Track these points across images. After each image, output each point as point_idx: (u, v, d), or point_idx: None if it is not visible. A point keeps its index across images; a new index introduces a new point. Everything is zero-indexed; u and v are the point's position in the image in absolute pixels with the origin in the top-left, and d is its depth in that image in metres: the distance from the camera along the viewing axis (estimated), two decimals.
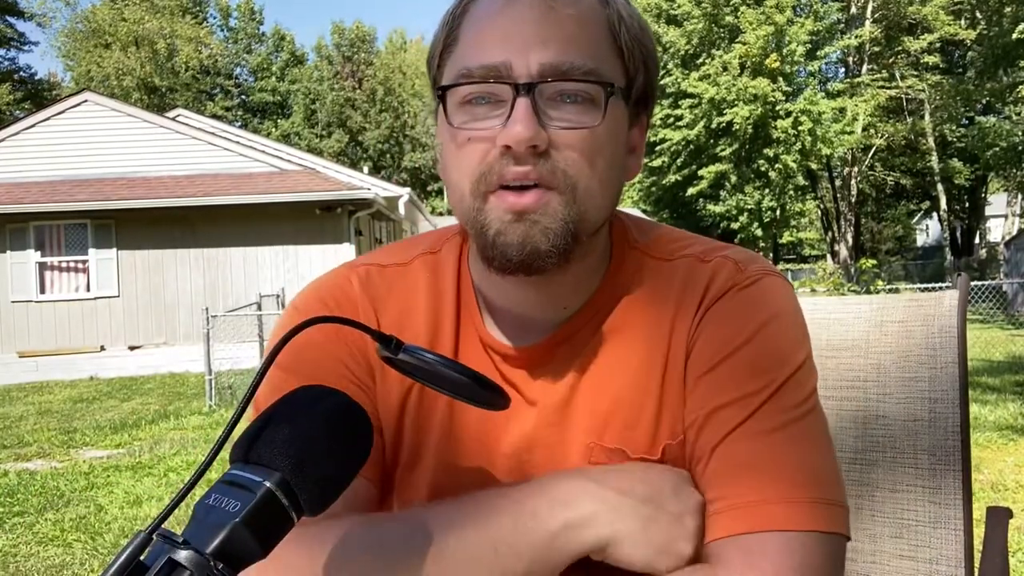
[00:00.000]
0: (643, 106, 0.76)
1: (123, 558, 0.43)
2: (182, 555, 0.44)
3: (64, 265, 13.12)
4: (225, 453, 0.51)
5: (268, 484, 0.47)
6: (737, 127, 29.74)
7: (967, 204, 34.64)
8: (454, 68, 0.69)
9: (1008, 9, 21.97)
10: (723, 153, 30.75)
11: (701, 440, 0.69)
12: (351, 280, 0.80)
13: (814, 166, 31.95)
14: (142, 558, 0.44)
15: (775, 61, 29.03)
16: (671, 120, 32.72)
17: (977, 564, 0.93)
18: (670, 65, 32.83)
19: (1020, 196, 24.72)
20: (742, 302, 0.73)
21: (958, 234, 34.22)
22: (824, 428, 0.71)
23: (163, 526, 0.45)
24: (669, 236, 0.81)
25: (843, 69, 33.67)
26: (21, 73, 38.92)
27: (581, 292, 0.75)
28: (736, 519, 0.65)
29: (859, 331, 1.03)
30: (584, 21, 0.68)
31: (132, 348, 12.88)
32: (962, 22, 27.42)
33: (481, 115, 0.67)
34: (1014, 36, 19.53)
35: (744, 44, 29.56)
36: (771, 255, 34.04)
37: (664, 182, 34.32)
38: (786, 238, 34.58)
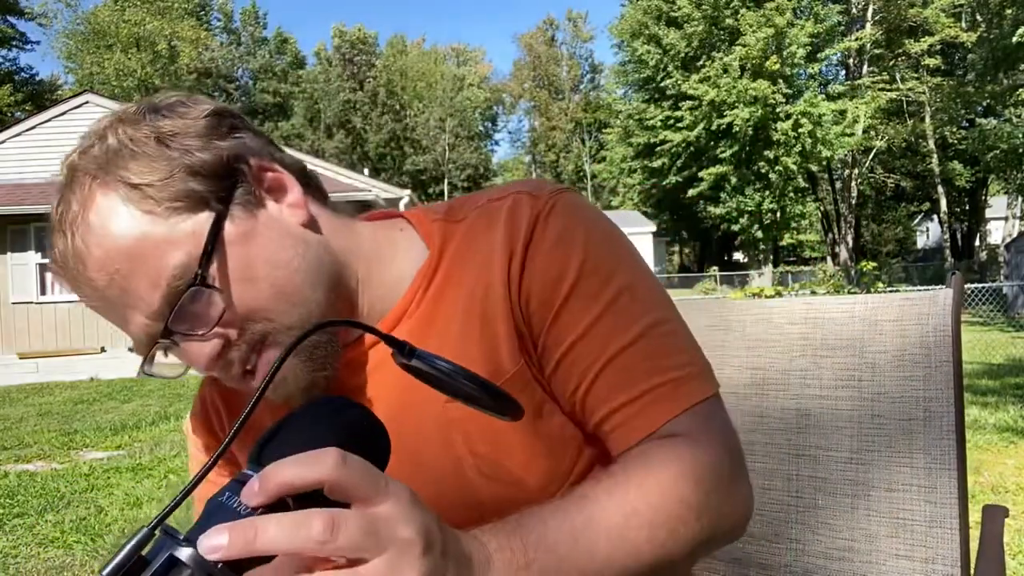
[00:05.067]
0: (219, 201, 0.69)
1: (125, 551, 0.43)
2: (184, 552, 0.43)
3: None
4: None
5: None
6: (737, 129, 29.75)
7: (967, 206, 34.65)
8: None
9: (1008, 12, 21.99)
10: (723, 155, 30.75)
11: (577, 369, 0.72)
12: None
13: (814, 168, 31.98)
14: (144, 553, 0.44)
15: (775, 63, 29.04)
16: (671, 122, 32.74)
17: (974, 563, 0.94)
18: (670, 67, 32.85)
19: (1020, 199, 24.71)
20: (554, 229, 0.74)
21: (958, 236, 34.23)
22: (671, 305, 0.76)
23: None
24: (461, 199, 0.83)
25: (843, 71, 33.69)
26: (23, 74, 38.98)
27: (389, 295, 0.78)
28: (661, 407, 0.70)
29: (854, 330, 1.04)
30: None
31: (132, 350, 12.87)
32: (963, 24, 27.44)
33: None
34: (1014, 39, 19.55)
35: (744, 46, 29.57)
36: (772, 257, 34.04)
37: (664, 184, 34.31)
38: (786, 240, 34.60)
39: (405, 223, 0.82)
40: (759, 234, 31.82)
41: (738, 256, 42.05)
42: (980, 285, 12.90)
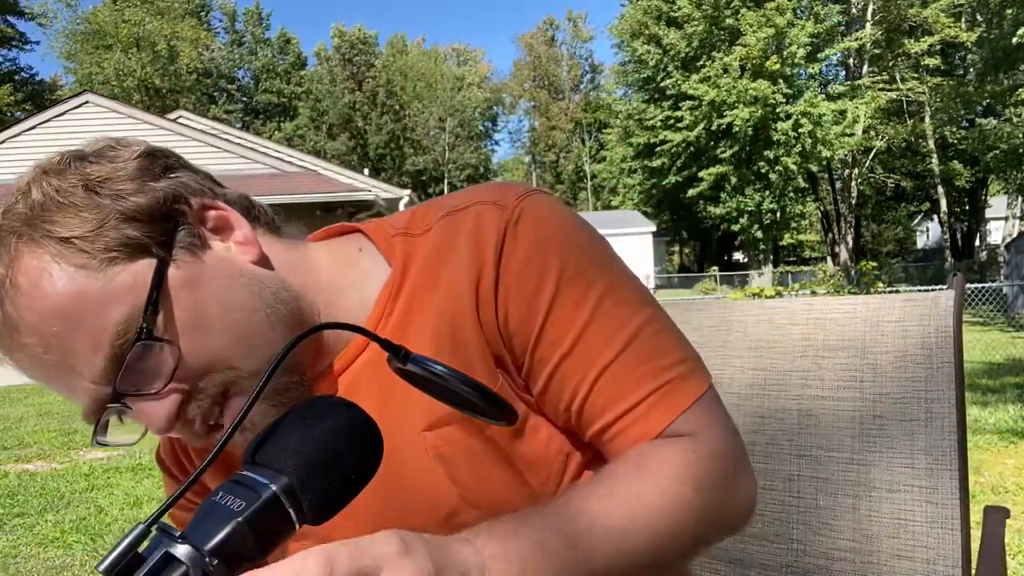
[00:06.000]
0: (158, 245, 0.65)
1: (121, 547, 0.43)
2: (179, 550, 0.44)
3: None
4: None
5: (274, 488, 0.47)
6: (737, 129, 29.78)
7: (967, 206, 34.67)
8: None
9: (1008, 12, 22.00)
10: (723, 155, 30.78)
11: (569, 384, 0.70)
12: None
13: (814, 168, 31.99)
14: (140, 550, 0.44)
15: (775, 63, 29.06)
16: (671, 122, 32.77)
17: (975, 564, 0.94)
18: (670, 67, 32.87)
19: (1020, 199, 24.72)
20: (525, 239, 0.70)
21: (958, 236, 34.25)
22: (652, 300, 0.74)
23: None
24: (423, 208, 0.79)
25: (844, 71, 33.70)
26: (22, 74, 38.99)
27: (359, 309, 0.74)
28: (659, 412, 0.68)
29: (855, 331, 1.04)
30: None
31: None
32: (962, 24, 27.44)
33: None
34: (1014, 40, 19.55)
35: (744, 46, 29.60)
36: (772, 257, 34.06)
37: (664, 183, 34.34)
38: (786, 240, 34.63)
39: (364, 239, 0.78)
40: (759, 234, 31.85)
41: (738, 256, 42.08)
42: (980, 285, 12.89)
